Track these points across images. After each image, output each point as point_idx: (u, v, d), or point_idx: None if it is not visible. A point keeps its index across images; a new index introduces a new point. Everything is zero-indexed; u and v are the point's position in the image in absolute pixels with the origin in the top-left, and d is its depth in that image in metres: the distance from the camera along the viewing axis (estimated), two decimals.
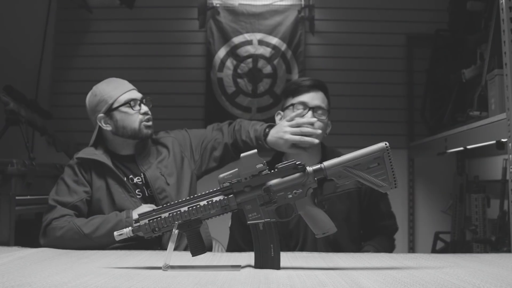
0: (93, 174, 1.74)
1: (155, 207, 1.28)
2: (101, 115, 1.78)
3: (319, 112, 1.73)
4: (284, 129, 1.68)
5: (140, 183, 1.77)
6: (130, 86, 1.84)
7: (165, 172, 1.77)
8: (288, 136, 1.67)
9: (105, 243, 1.57)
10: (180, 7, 3.29)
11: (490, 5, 2.21)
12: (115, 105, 1.77)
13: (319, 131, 1.70)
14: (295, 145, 1.68)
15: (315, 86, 1.75)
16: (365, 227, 1.81)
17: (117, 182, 1.72)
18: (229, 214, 1.20)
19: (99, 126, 1.79)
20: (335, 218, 1.66)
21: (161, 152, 1.84)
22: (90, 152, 1.77)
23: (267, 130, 1.75)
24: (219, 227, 2.13)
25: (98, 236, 1.57)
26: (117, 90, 1.80)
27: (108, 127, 1.78)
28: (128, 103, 1.78)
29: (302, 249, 1.70)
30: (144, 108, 1.80)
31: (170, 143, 1.85)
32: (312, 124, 1.67)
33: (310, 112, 1.72)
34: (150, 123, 1.81)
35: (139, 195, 1.75)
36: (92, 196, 1.72)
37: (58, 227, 1.61)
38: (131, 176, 1.77)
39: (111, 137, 1.80)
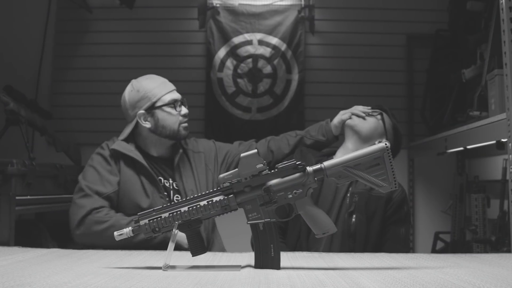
0: (121, 166, 1.73)
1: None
2: (142, 111, 1.76)
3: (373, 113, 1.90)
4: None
5: (168, 186, 1.76)
6: (172, 85, 1.84)
7: (195, 185, 1.77)
8: (343, 112, 1.91)
9: (143, 247, 1.53)
10: (180, 7, 3.29)
11: (490, 5, 2.21)
12: (159, 104, 1.77)
13: (363, 115, 1.87)
14: (343, 121, 1.89)
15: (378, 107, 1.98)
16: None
17: (149, 181, 1.72)
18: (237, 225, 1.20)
19: (135, 123, 1.78)
20: (361, 212, 1.71)
21: (192, 162, 1.84)
22: (125, 147, 1.75)
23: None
24: (229, 237, 2.12)
25: (139, 240, 1.53)
26: (161, 88, 1.79)
27: (147, 125, 1.77)
28: (172, 103, 1.78)
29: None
30: (185, 110, 1.81)
31: (197, 155, 1.86)
32: (364, 113, 1.88)
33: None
34: (187, 124, 1.82)
35: (165, 198, 1.73)
36: (120, 188, 1.70)
37: (99, 221, 1.58)
38: (160, 178, 1.77)
39: (146, 134, 1.79)
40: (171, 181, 1.78)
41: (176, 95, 1.81)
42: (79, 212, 1.62)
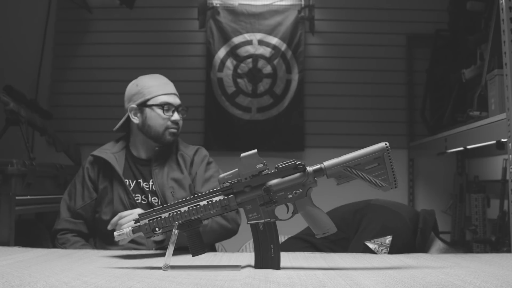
0: (101, 173, 1.76)
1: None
2: (133, 105, 1.77)
3: None
4: None
5: (147, 189, 1.74)
6: (173, 90, 1.81)
7: (174, 186, 1.74)
8: None
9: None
10: (180, 7, 3.29)
11: (490, 5, 2.21)
12: (150, 103, 1.76)
13: None
14: None
15: None
16: None
17: (120, 184, 1.72)
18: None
19: (127, 116, 1.80)
20: None
21: (180, 164, 1.80)
22: (102, 150, 1.79)
23: None
24: None
25: None
26: (158, 88, 1.78)
27: (135, 120, 1.78)
28: (163, 106, 1.76)
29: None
30: (176, 117, 1.77)
31: (188, 161, 1.82)
32: None
33: None
34: (175, 131, 1.78)
35: (145, 201, 1.72)
36: (98, 196, 1.74)
37: (58, 244, 1.70)
38: (140, 180, 1.76)
39: (135, 131, 1.81)
40: (151, 183, 1.75)
41: (172, 100, 1.78)
42: (55, 224, 1.75)
